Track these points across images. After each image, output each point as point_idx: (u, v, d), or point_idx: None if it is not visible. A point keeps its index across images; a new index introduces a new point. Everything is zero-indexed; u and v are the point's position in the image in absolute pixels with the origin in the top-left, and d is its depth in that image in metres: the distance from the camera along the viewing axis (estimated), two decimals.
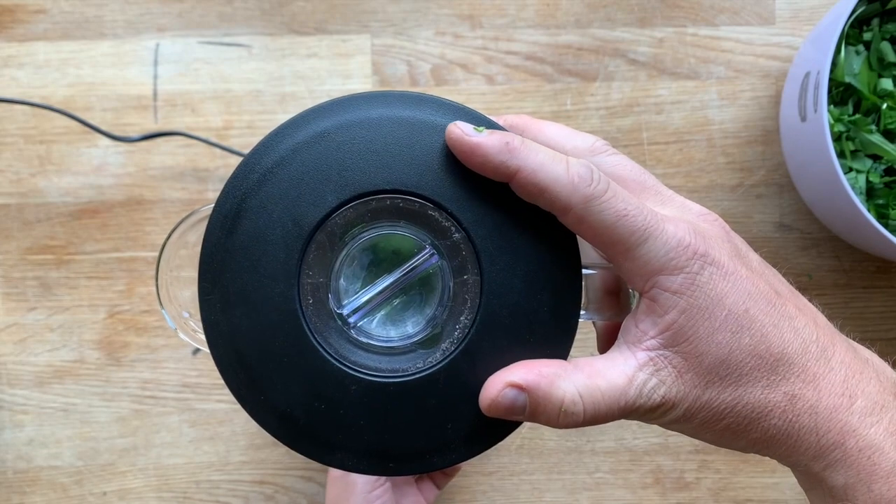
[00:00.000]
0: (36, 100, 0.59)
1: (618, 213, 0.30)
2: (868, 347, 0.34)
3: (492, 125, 0.33)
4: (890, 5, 0.54)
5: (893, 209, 0.53)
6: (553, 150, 0.32)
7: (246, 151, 0.58)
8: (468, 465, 0.60)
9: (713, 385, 0.31)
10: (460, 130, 0.31)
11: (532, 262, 0.32)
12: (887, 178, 0.53)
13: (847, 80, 0.53)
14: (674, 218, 0.31)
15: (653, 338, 0.31)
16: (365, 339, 0.33)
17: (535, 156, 0.31)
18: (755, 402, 0.31)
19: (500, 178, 0.31)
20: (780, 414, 0.31)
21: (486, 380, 0.32)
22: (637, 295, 0.35)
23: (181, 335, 0.48)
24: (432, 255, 0.33)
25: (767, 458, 0.33)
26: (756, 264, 0.32)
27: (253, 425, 0.33)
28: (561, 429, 0.33)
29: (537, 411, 0.31)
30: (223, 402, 0.59)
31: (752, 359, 0.31)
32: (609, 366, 0.31)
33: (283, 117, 0.59)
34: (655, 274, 0.31)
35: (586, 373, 0.31)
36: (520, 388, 0.31)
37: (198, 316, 0.33)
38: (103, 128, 0.58)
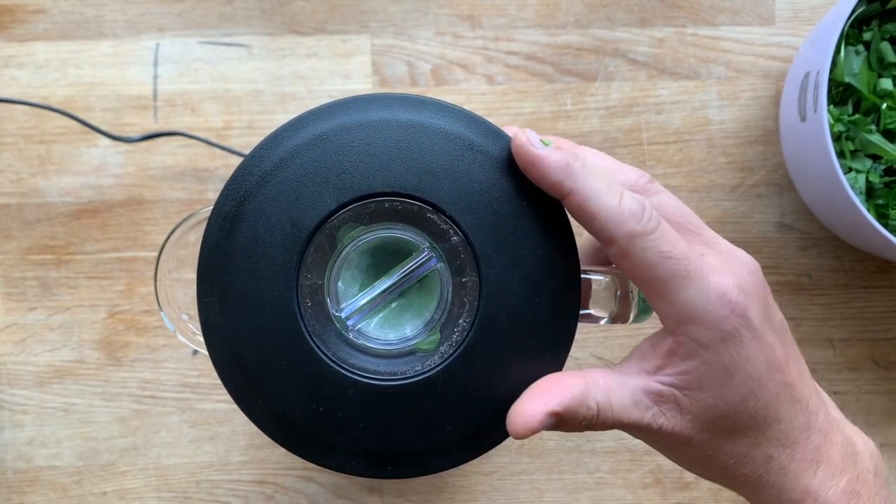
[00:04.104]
0: (36, 100, 0.59)
1: (662, 253, 0.31)
2: (835, 400, 0.37)
3: (495, 131, 0.33)
4: (890, 5, 0.54)
5: (893, 209, 0.53)
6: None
7: (246, 151, 0.58)
8: (468, 465, 0.60)
9: (706, 431, 0.32)
10: (526, 139, 0.31)
11: (531, 264, 0.32)
12: (887, 178, 0.53)
13: (847, 80, 0.53)
14: (720, 268, 0.32)
15: (669, 375, 0.32)
16: (363, 342, 0.34)
17: (591, 182, 0.31)
18: (736, 452, 0.33)
19: (554, 195, 0.32)
20: (754, 468, 0.33)
21: (484, 383, 0.32)
22: (635, 300, 0.35)
23: (180, 337, 0.48)
24: (431, 257, 0.33)
25: None
26: (778, 325, 0.33)
27: (253, 426, 0.34)
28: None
29: (561, 426, 0.32)
30: (223, 402, 0.59)
31: (750, 420, 0.32)
32: (622, 384, 0.32)
33: (283, 117, 0.59)
34: (689, 322, 0.31)
35: (602, 389, 0.32)
36: (559, 415, 0.31)
37: (197, 318, 0.33)
38: (103, 128, 0.58)
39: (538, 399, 0.32)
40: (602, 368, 0.33)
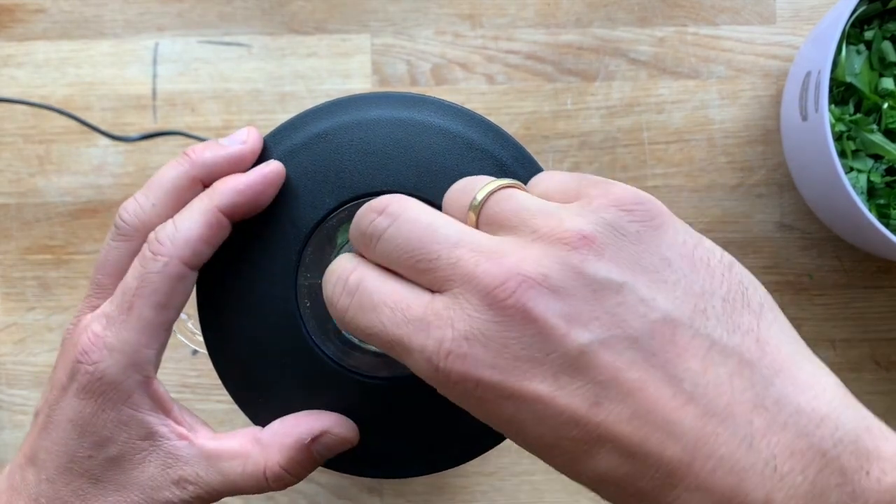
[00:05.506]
0: (35, 99, 0.59)
1: (365, 330, 0.26)
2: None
3: (495, 129, 0.33)
4: (891, 5, 0.54)
5: (895, 209, 0.53)
6: None
7: None
8: (468, 465, 0.60)
9: None
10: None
11: None
12: (888, 178, 0.53)
13: (848, 79, 0.53)
14: (439, 318, 0.25)
15: None
16: (363, 342, 0.33)
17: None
18: None
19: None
20: None
21: None
22: None
23: (179, 336, 0.48)
24: None
25: None
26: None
27: (252, 426, 0.33)
28: None
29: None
30: (223, 403, 0.59)
31: None
32: None
33: (282, 117, 0.59)
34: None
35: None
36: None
37: (196, 318, 0.33)
38: (103, 127, 0.58)
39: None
40: None
